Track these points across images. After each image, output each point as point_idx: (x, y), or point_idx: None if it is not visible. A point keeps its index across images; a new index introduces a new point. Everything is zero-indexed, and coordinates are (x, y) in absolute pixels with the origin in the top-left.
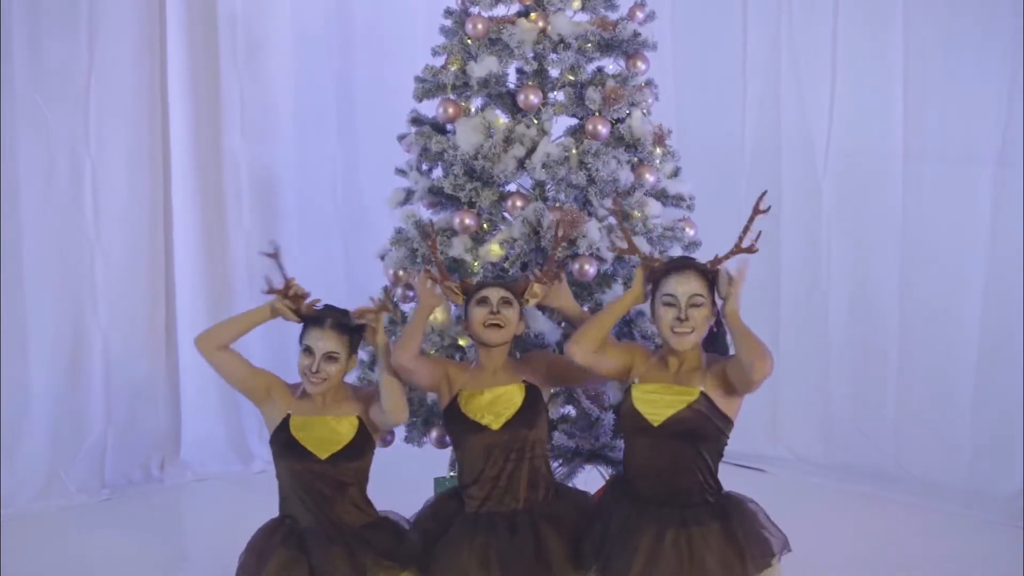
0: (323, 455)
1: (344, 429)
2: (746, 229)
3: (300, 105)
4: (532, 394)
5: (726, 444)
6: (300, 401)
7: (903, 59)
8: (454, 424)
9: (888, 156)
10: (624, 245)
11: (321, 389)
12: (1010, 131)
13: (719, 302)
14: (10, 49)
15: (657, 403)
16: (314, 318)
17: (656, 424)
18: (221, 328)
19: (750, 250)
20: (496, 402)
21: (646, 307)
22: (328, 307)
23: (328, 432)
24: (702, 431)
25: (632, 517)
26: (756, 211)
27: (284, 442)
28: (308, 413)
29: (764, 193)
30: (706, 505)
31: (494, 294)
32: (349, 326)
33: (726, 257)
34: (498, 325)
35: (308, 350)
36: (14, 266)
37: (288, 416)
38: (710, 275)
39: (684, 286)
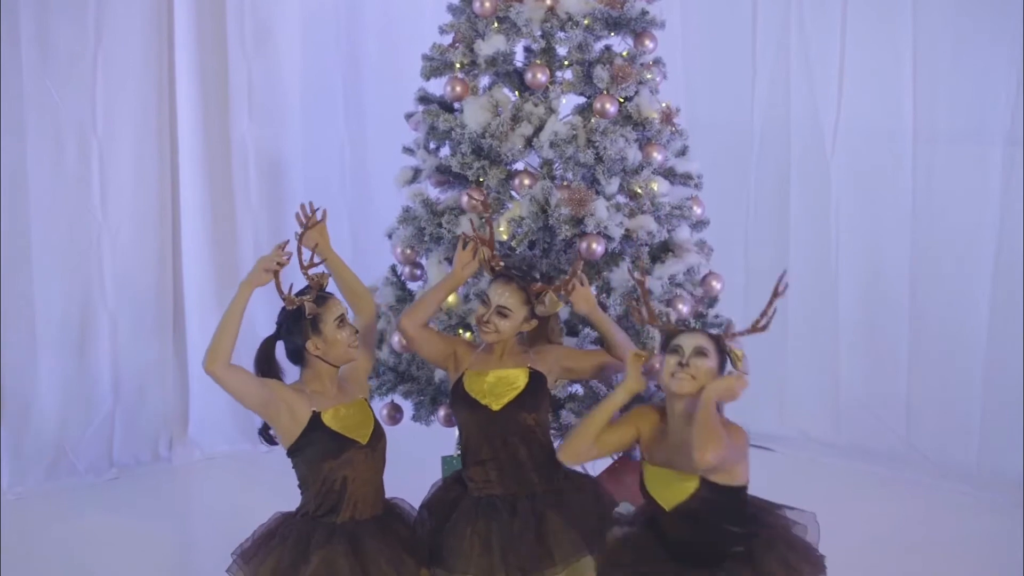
0: (364, 440)
1: (365, 410)
2: (764, 313)
3: (308, 87)
4: (536, 380)
5: (746, 494)
6: (314, 396)
7: (912, 39)
8: (457, 402)
9: (898, 137)
10: (645, 315)
11: (356, 352)
12: (1019, 111)
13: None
14: (17, 31)
15: (666, 488)
16: (322, 296)
17: (668, 509)
18: (217, 339)
19: (764, 329)
20: (498, 384)
21: (653, 285)
22: (305, 291)
23: (355, 416)
24: (713, 510)
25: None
26: (776, 294)
27: (326, 437)
28: (329, 405)
29: (784, 273)
30: (733, 559)
31: (496, 297)
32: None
33: (741, 334)
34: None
35: (343, 320)
36: (22, 247)
37: (316, 413)
38: (720, 342)
39: (690, 340)
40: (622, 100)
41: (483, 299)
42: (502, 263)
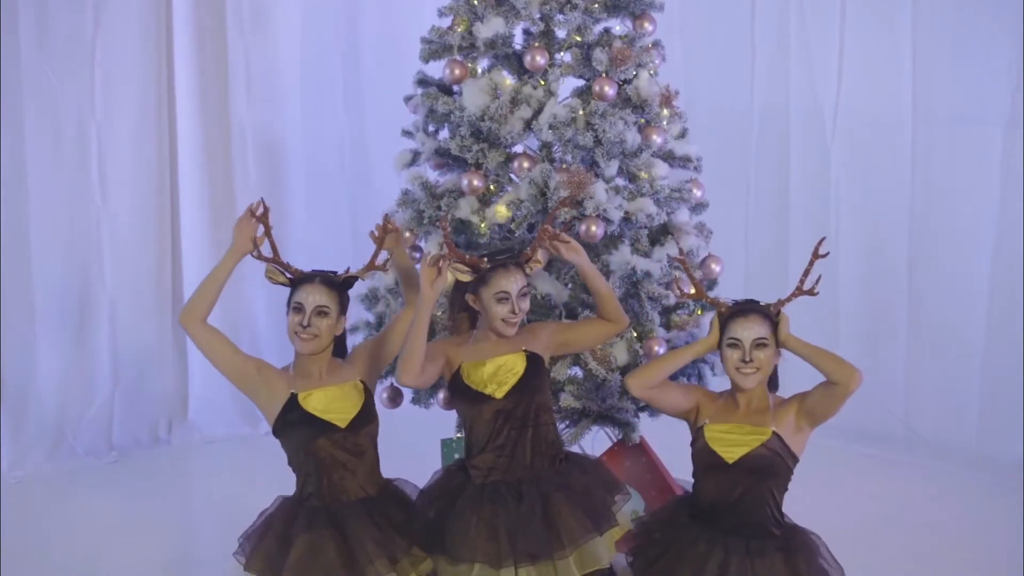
0: (343, 424)
1: (352, 394)
2: (806, 272)
3: (306, 69)
4: (534, 362)
5: (790, 479)
6: (297, 379)
7: (912, 22)
8: (459, 396)
9: (897, 119)
10: (691, 291)
11: (312, 347)
12: (1019, 94)
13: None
14: (16, 16)
15: (731, 442)
16: (302, 277)
17: (730, 461)
18: (195, 296)
19: (811, 292)
20: (498, 371)
21: (653, 267)
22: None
23: (338, 400)
24: (774, 468)
25: (700, 543)
26: (816, 255)
27: (301, 419)
28: (310, 388)
29: (823, 239)
30: (771, 537)
31: (513, 285)
32: (338, 282)
33: (788, 300)
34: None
35: (298, 307)
36: (21, 231)
37: (294, 395)
38: (773, 317)
39: (748, 330)
40: (621, 83)
41: (501, 298)
42: (484, 259)
